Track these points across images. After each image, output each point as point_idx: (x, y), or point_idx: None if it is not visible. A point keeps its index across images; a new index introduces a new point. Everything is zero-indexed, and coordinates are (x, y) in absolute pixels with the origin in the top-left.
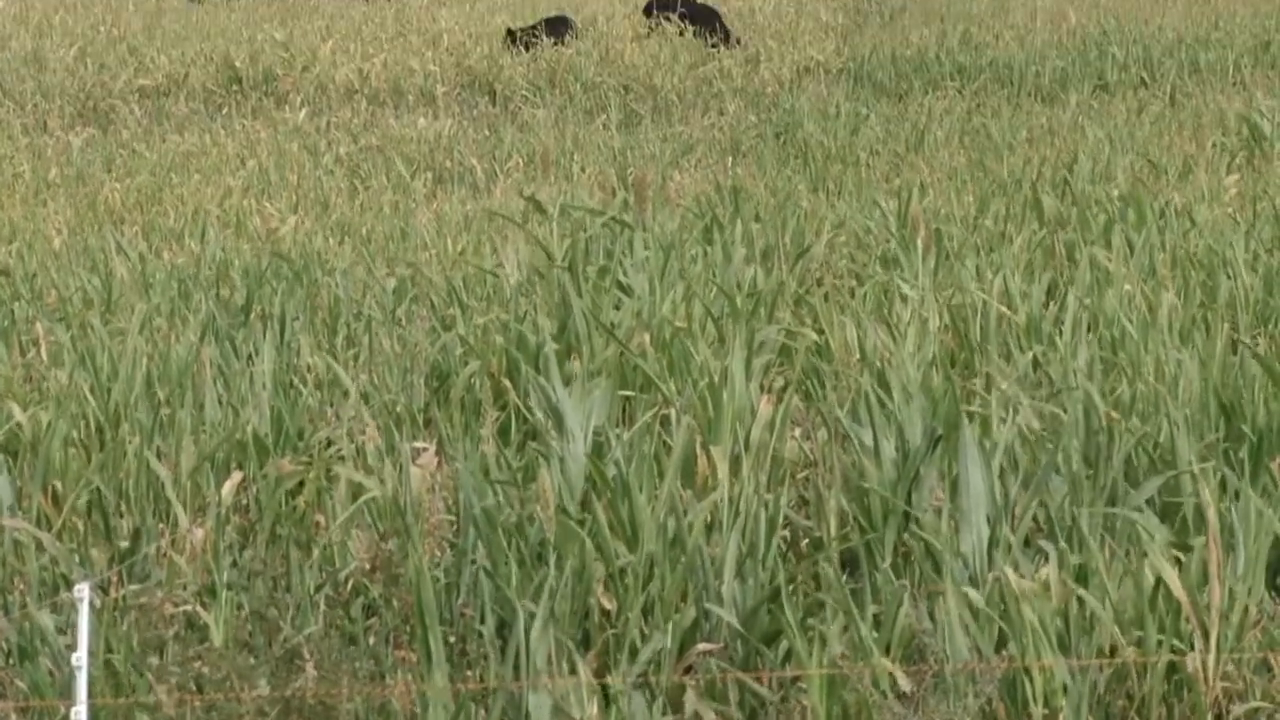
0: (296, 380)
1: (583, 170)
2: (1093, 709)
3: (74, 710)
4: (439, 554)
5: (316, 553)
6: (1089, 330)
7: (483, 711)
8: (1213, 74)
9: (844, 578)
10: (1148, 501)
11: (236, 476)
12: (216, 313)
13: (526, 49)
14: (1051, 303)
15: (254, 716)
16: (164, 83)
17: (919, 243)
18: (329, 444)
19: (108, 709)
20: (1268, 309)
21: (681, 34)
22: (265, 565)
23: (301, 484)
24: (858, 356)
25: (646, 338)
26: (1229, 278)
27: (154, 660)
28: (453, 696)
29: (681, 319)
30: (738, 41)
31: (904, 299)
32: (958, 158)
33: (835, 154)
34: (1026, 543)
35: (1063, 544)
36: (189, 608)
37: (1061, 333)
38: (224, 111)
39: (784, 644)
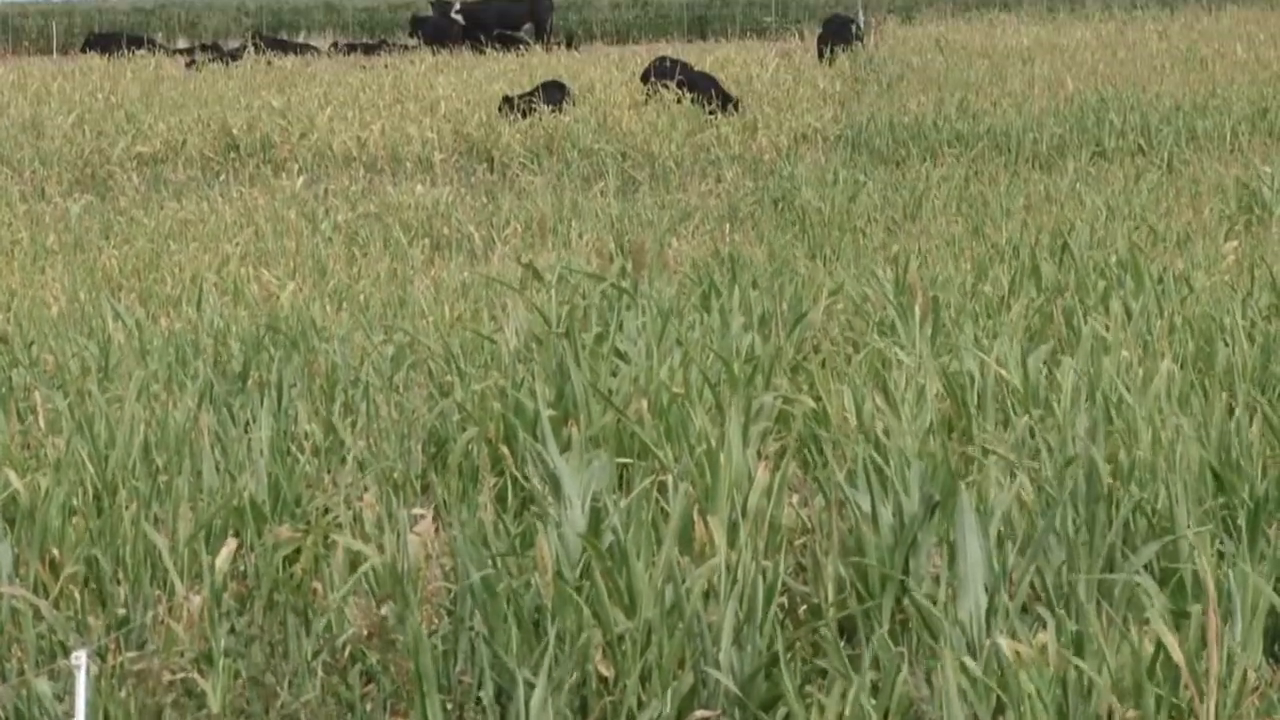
0: (294, 447)
1: (580, 237)
2: None
3: None
4: (436, 621)
5: (314, 619)
6: (1087, 397)
7: None
8: (1210, 141)
9: (842, 644)
10: (1145, 568)
11: (233, 543)
12: (214, 379)
13: (524, 116)
14: (1049, 369)
15: None
16: (162, 150)
17: (916, 310)
18: (326, 511)
19: None
20: (1266, 376)
21: (679, 101)
22: (262, 632)
23: (299, 550)
24: (855, 423)
25: (644, 404)
26: (1226, 345)
27: None
28: None
29: (679, 385)
30: (735, 108)
31: (901, 366)
32: (955, 225)
33: (833, 221)
34: (1024, 610)
35: (1060, 611)
36: (186, 675)
37: (1059, 399)
38: (221, 178)
39: (782, 710)
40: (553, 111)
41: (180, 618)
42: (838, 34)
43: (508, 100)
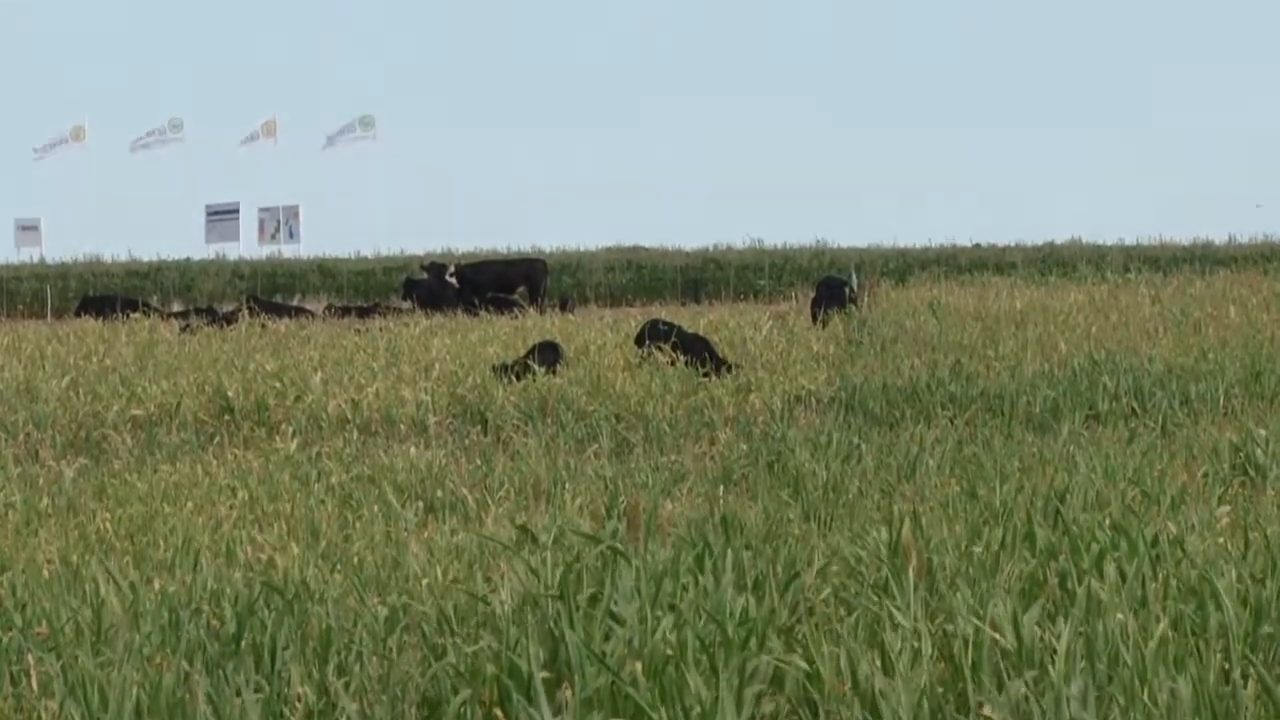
0: (286, 710)
1: (574, 499)
2: None
3: None
4: None
5: None
6: (1082, 659)
7: None
8: (1204, 404)
9: None
10: None
11: None
12: (207, 642)
13: (518, 378)
14: (1043, 632)
15: None
16: (156, 413)
17: (911, 571)
18: None
19: None
20: (1257, 638)
21: (673, 363)
22: None
23: None
24: (849, 685)
25: (638, 666)
26: (1219, 609)
27: None
28: None
29: (673, 648)
30: (729, 370)
31: (896, 628)
32: (950, 486)
33: (827, 483)
34: None
35: None
36: None
37: (1054, 661)
38: (216, 441)
39: None
40: (546, 374)
41: None
42: (832, 297)
43: (502, 365)
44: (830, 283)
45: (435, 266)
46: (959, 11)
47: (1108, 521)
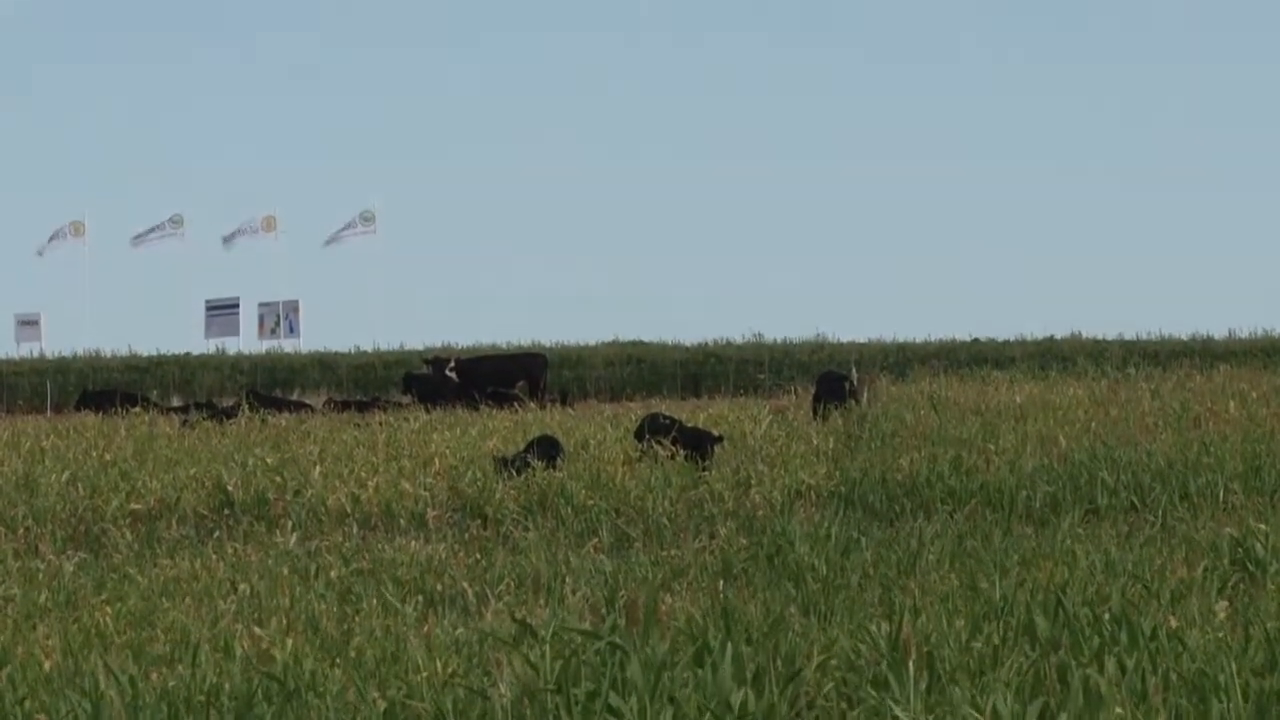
0: None
1: (574, 593)
2: None
3: None
4: None
5: None
6: None
7: None
8: (1203, 499)
9: None
10: None
11: None
12: None
13: (517, 472)
14: None
15: None
16: (155, 507)
17: (910, 665)
18: None
19: None
20: None
21: (672, 457)
22: None
23: None
24: None
25: None
26: (1220, 701)
27: None
28: None
29: None
30: (713, 449)
31: None
32: (949, 580)
33: (827, 577)
34: None
35: None
36: None
37: None
38: (215, 535)
39: None
40: (546, 468)
41: None
42: (832, 391)
43: (502, 459)
44: (831, 377)
45: (437, 361)
46: (945, 111)
47: (1107, 616)
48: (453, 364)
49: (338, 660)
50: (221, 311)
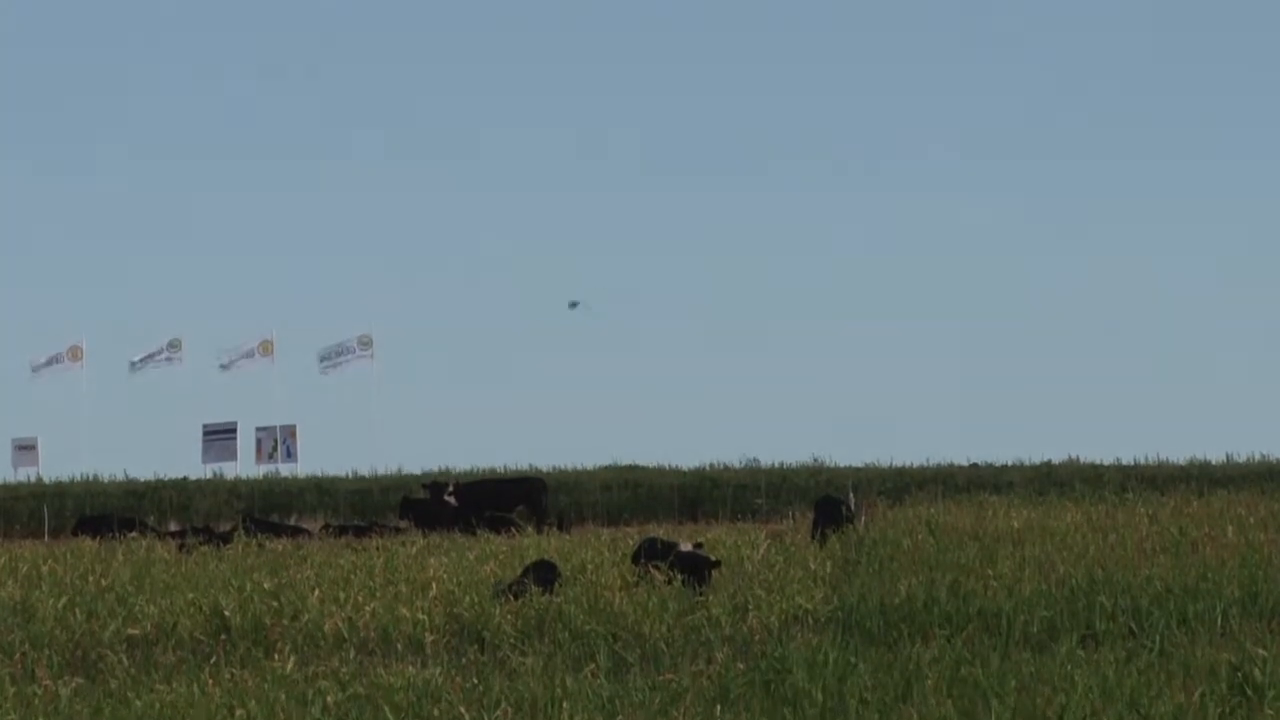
0: None
1: (571, 718)
2: None
3: None
4: None
5: None
6: None
7: None
8: (1201, 624)
9: None
10: None
11: None
12: None
13: (515, 597)
14: None
15: None
16: (153, 632)
17: None
18: None
19: None
20: None
21: (669, 582)
22: None
23: None
24: None
25: None
26: None
27: None
28: None
29: None
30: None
31: None
32: (946, 706)
33: (823, 703)
34: None
35: None
36: None
37: None
38: (212, 660)
39: None
40: (543, 593)
41: None
42: (829, 515)
43: (499, 584)
44: (828, 501)
45: (435, 485)
46: (948, 236)
47: None
48: (451, 488)
49: None
50: (219, 436)
